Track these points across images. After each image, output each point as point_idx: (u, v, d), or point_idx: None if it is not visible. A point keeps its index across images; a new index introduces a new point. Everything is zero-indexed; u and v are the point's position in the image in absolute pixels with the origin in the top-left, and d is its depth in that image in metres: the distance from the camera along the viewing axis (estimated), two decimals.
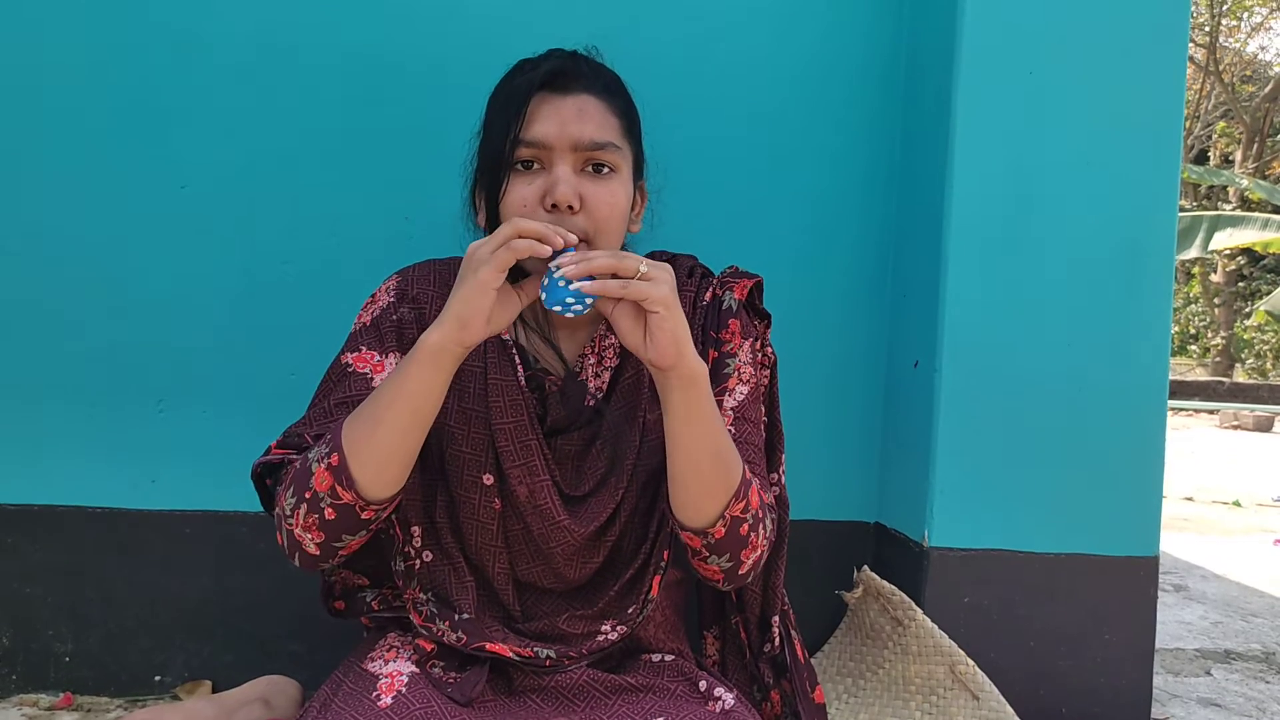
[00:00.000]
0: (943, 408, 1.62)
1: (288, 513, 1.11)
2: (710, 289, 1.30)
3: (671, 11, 1.74)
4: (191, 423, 1.69)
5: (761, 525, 1.18)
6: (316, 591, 1.36)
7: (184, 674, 1.72)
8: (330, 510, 1.08)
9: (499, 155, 1.18)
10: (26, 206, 1.67)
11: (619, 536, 1.24)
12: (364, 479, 1.07)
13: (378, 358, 1.22)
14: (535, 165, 1.17)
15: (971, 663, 1.55)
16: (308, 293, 1.70)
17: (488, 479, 1.21)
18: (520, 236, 1.02)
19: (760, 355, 1.30)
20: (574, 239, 1.05)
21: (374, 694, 1.10)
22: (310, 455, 1.10)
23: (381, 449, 1.07)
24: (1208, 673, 2.21)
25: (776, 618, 1.35)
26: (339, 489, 1.07)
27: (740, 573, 1.18)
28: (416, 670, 1.16)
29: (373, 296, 1.30)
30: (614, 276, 1.04)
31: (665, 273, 1.05)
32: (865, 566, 1.72)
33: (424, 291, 1.27)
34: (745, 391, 1.26)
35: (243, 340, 1.69)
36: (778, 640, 1.35)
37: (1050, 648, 1.65)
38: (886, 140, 1.80)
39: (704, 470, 1.11)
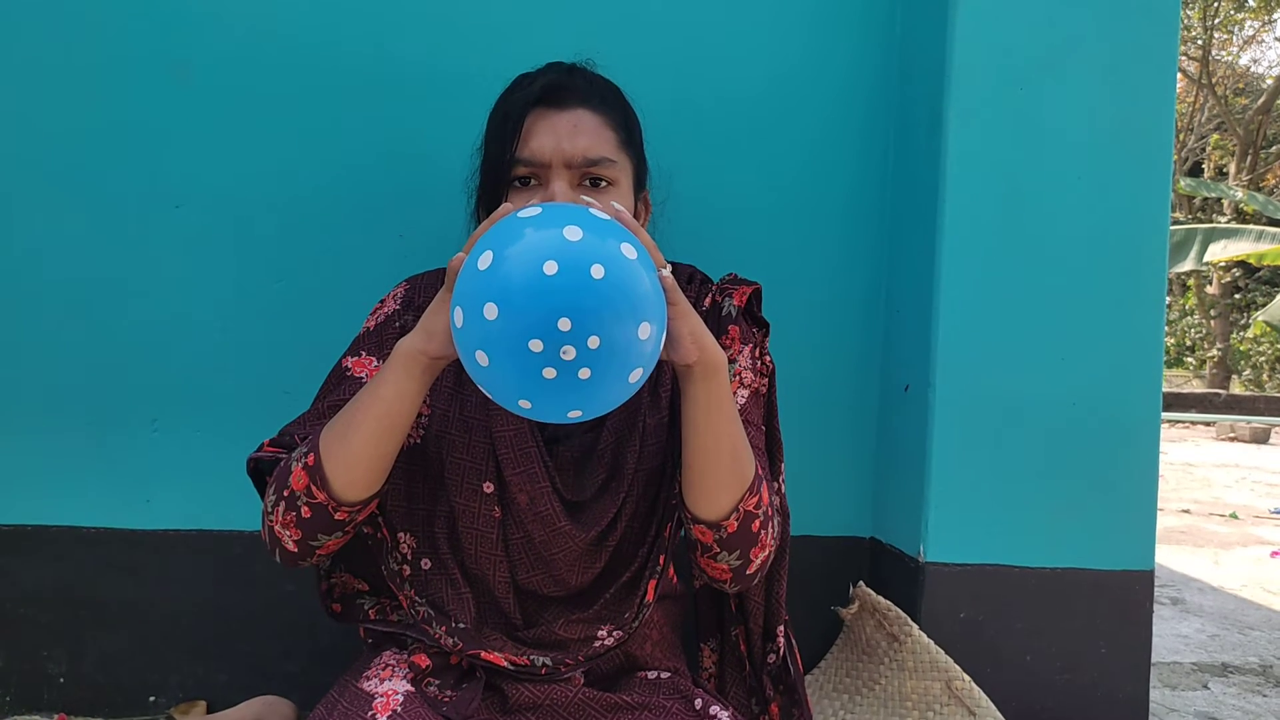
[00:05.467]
0: (936, 424, 1.62)
1: (269, 509, 1.14)
2: (710, 295, 1.31)
3: (664, 28, 1.75)
4: (185, 442, 1.69)
5: (771, 524, 1.18)
6: (312, 611, 1.36)
7: (179, 694, 1.71)
8: (306, 509, 1.10)
9: (498, 172, 1.19)
10: (20, 228, 1.67)
11: (620, 541, 1.24)
12: (336, 480, 1.09)
13: (375, 363, 1.24)
14: (533, 181, 1.18)
15: (968, 678, 1.55)
16: (302, 310, 1.70)
17: (488, 487, 1.22)
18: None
19: (759, 362, 1.30)
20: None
21: (369, 713, 1.10)
22: (293, 455, 1.13)
23: (353, 451, 1.08)
24: (1205, 686, 2.21)
25: (782, 627, 1.35)
26: (314, 488, 1.09)
27: (748, 572, 1.18)
28: (412, 689, 1.15)
29: (381, 302, 1.32)
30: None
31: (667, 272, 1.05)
32: (861, 582, 1.72)
33: (429, 300, 1.27)
34: (746, 395, 1.26)
35: (236, 358, 1.69)
36: (782, 651, 1.35)
37: (1046, 663, 1.65)
38: (879, 160, 1.80)
39: (722, 460, 1.11)
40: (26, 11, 1.65)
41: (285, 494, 1.11)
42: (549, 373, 0.73)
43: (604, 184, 1.19)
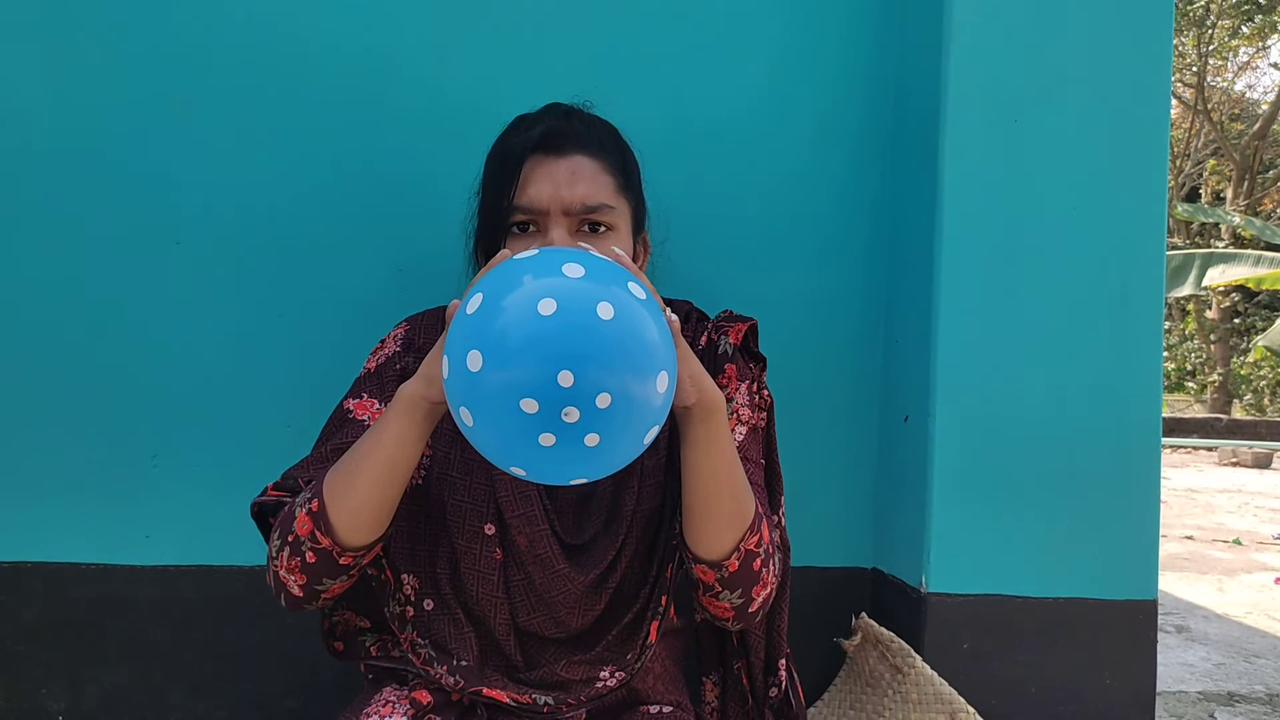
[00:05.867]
0: (937, 455, 1.61)
1: (274, 554, 1.14)
2: (706, 333, 1.31)
3: (659, 62, 1.76)
4: (185, 477, 1.69)
5: (772, 561, 1.18)
6: (312, 648, 1.35)
7: None
8: (311, 554, 1.10)
9: (495, 218, 1.19)
10: (18, 263, 1.67)
11: (620, 582, 1.24)
12: (341, 525, 1.09)
13: (377, 405, 1.23)
14: (531, 228, 1.19)
15: (972, 710, 1.54)
16: (301, 345, 1.70)
17: (489, 529, 1.21)
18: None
19: (757, 398, 1.30)
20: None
21: None
22: (297, 500, 1.13)
23: (357, 497, 1.08)
24: (1211, 716, 2.19)
25: (783, 660, 1.35)
26: (318, 534, 1.09)
27: (750, 610, 1.18)
28: None
29: (381, 342, 1.31)
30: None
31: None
32: (863, 613, 1.71)
33: (429, 340, 1.27)
34: (744, 432, 1.26)
35: (236, 393, 1.69)
36: (784, 684, 1.35)
37: (1051, 694, 1.64)
38: (875, 191, 1.81)
39: (723, 501, 1.11)
40: (26, 42, 1.67)
41: (290, 539, 1.11)
42: (546, 439, 0.57)
43: (603, 229, 1.19)
